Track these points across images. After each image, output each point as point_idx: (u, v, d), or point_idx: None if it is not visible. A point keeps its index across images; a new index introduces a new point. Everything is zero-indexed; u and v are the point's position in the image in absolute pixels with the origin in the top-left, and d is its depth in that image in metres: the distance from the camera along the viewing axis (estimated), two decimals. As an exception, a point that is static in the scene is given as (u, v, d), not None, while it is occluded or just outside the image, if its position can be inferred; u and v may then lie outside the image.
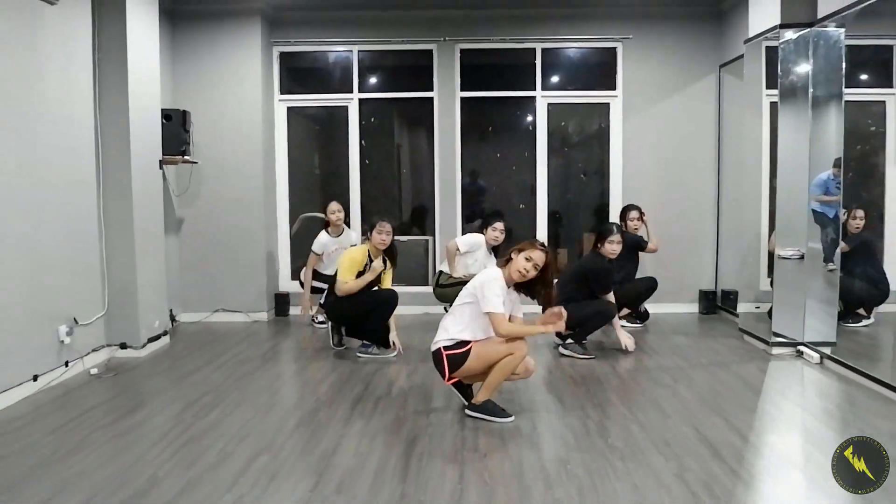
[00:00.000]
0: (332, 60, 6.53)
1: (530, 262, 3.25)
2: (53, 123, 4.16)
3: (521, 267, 3.25)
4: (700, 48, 6.23)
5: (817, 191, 4.72)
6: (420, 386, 4.02)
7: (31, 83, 3.96)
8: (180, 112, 5.38)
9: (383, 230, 4.66)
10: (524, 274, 3.25)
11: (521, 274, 3.25)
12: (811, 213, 4.70)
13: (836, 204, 4.63)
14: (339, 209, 5.65)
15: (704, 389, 3.90)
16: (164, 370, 4.51)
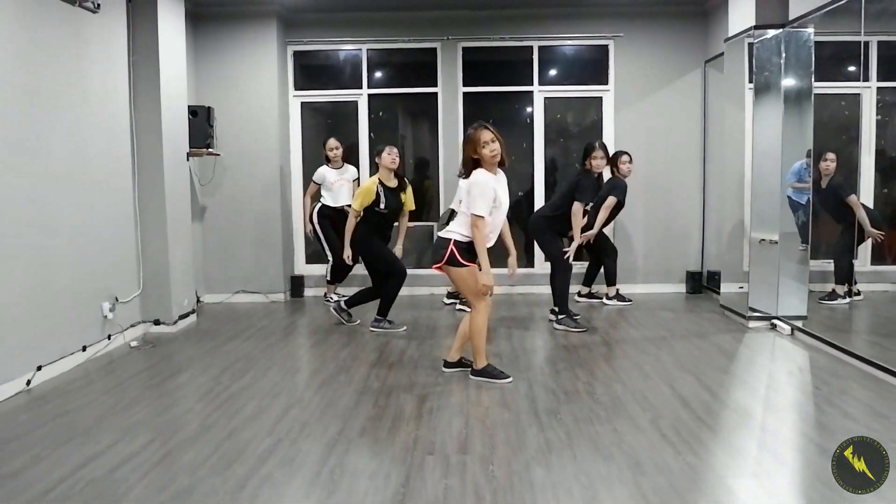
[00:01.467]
0: (343, 58, 6.95)
1: (488, 144, 3.61)
2: (96, 123, 4.61)
3: (489, 155, 3.62)
4: (686, 45, 6.63)
5: (792, 178, 5.15)
6: (429, 354, 4.48)
7: (77, 87, 4.40)
8: (205, 108, 5.83)
9: (392, 151, 5.07)
10: (496, 155, 3.63)
11: (494, 157, 3.63)
12: (786, 200, 5.14)
13: (808, 191, 5.07)
14: (337, 146, 6.12)
15: (683, 355, 4.36)
16: (196, 342, 4.97)
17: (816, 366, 4.11)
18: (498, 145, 3.63)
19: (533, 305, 6.14)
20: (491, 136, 3.60)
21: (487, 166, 3.66)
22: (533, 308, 6.04)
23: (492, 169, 3.68)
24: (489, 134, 3.60)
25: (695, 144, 6.72)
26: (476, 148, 3.63)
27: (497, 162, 3.66)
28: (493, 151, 3.61)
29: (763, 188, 5.15)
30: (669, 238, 6.71)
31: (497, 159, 3.64)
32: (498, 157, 3.64)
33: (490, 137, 3.60)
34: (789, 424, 3.21)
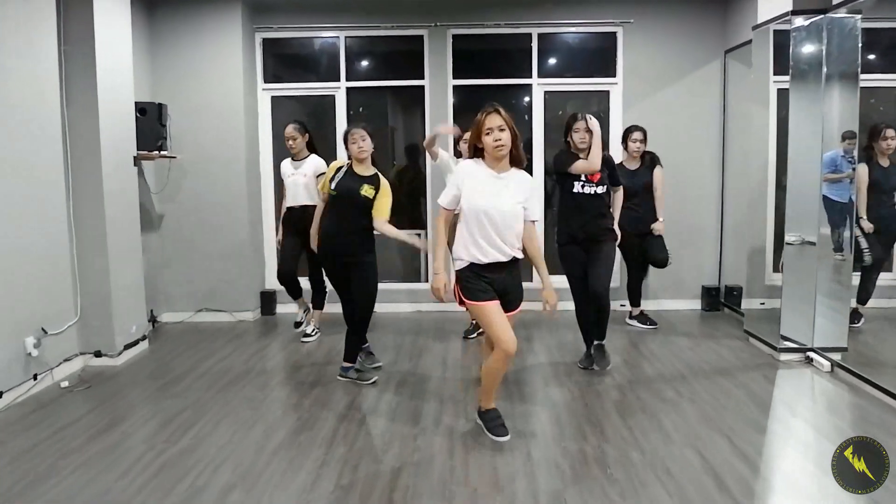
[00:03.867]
0: (318, 47, 6.22)
1: (492, 132, 2.94)
2: (20, 123, 3.90)
3: (491, 145, 2.95)
4: (704, 33, 5.94)
5: (825, 170, 4.46)
6: (409, 402, 3.80)
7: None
8: (155, 105, 5.09)
9: (356, 137, 4.00)
10: (500, 147, 2.94)
11: (498, 149, 2.95)
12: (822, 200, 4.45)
13: (848, 185, 4.39)
14: (292, 134, 5.00)
15: (708, 404, 3.68)
16: (141, 380, 4.29)
17: (869, 419, 3.44)
18: (506, 136, 2.94)
19: (531, 327, 5.46)
20: (500, 122, 2.93)
21: (489, 159, 3.02)
22: (530, 329, 5.36)
23: (495, 163, 3.01)
24: (498, 119, 2.93)
25: (713, 144, 6.02)
26: (479, 134, 2.98)
27: (502, 156, 2.98)
28: (498, 141, 2.93)
29: (799, 191, 4.46)
30: (683, 249, 6.01)
31: (502, 152, 2.95)
32: (503, 150, 2.95)
33: (498, 124, 2.93)
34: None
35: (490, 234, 2.98)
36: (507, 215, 2.98)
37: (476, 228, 2.98)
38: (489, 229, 2.97)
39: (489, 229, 2.97)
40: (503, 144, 2.93)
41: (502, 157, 2.97)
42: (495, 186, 2.99)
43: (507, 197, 2.98)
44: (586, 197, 4.17)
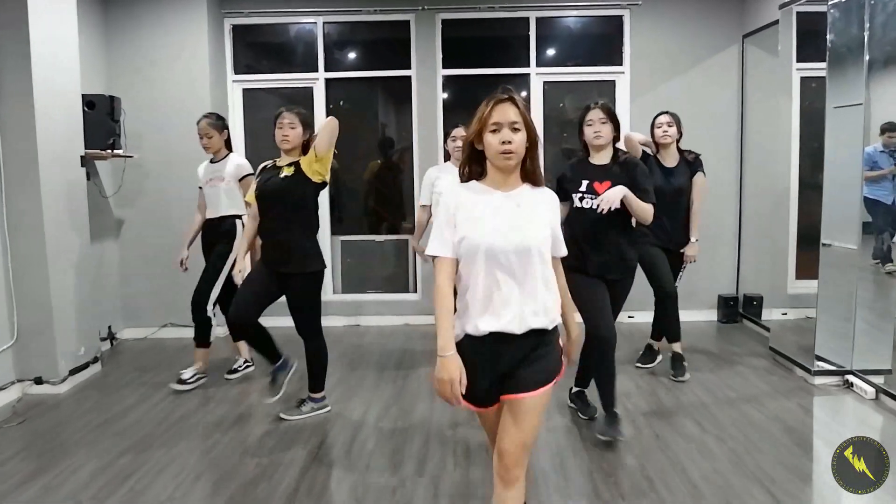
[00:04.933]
0: (294, 34, 5.66)
1: (500, 130, 1.88)
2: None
3: (497, 150, 1.88)
4: (720, 16, 5.39)
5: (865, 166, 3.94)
6: (388, 441, 3.25)
7: None
8: (106, 98, 4.53)
9: (283, 122, 3.34)
10: (508, 153, 1.88)
11: (505, 156, 1.88)
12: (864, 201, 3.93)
13: (891, 184, 3.87)
14: (206, 131, 4.07)
15: (738, 442, 3.14)
16: (84, 412, 3.74)
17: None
18: (520, 139, 1.88)
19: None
20: (514, 117, 1.88)
21: (492, 171, 1.95)
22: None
23: (499, 178, 1.94)
24: (512, 112, 1.88)
25: (730, 139, 5.47)
26: (481, 131, 1.91)
27: (509, 166, 1.91)
28: (506, 145, 1.87)
29: (838, 191, 3.93)
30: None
31: (510, 161, 1.89)
32: (512, 159, 1.89)
33: (511, 119, 1.88)
34: None
35: (504, 287, 1.86)
36: (531, 254, 1.86)
37: (481, 280, 1.87)
38: (502, 280, 1.86)
39: (502, 280, 1.86)
40: (512, 151, 1.87)
41: (509, 168, 1.91)
42: (505, 210, 1.90)
43: (528, 224, 1.89)
44: (591, 216, 3.08)
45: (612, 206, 2.96)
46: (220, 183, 4.08)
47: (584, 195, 3.13)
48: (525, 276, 1.87)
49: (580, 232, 3.12)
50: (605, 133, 3.14)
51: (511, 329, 1.86)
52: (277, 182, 3.33)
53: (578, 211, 3.15)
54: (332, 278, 5.79)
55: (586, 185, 3.14)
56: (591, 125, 3.17)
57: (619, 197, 2.97)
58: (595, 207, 3.04)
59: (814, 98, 4.76)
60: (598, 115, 3.16)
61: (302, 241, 3.38)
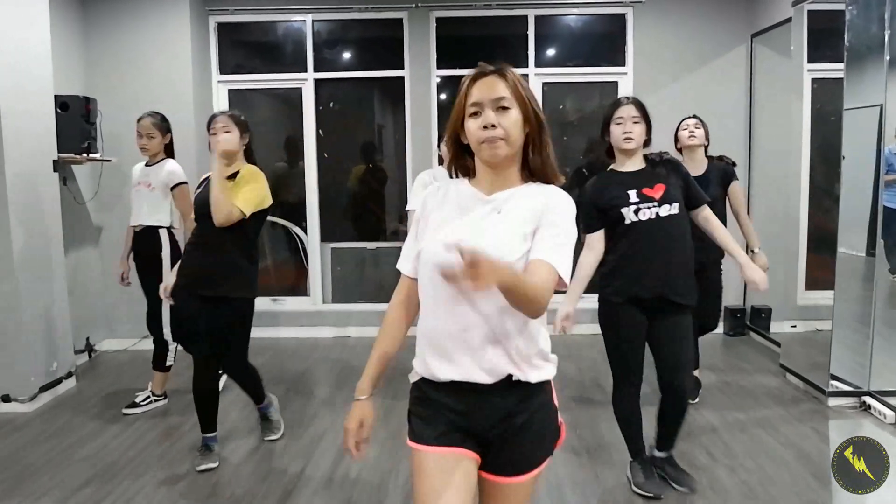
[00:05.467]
0: (282, 32, 5.43)
1: (482, 111, 1.39)
2: None
3: (477, 137, 1.40)
4: (728, 14, 5.16)
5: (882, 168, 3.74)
6: (374, 468, 3.02)
7: None
8: (80, 99, 4.29)
9: (217, 126, 2.94)
10: (493, 141, 1.39)
11: (491, 146, 1.39)
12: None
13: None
14: (148, 130, 3.71)
15: (752, 473, 2.90)
16: (51, 434, 3.51)
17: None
18: (511, 120, 1.40)
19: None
20: (502, 90, 1.40)
21: (481, 169, 1.48)
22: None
23: (489, 176, 1.46)
24: (498, 85, 1.40)
25: (737, 142, 5.23)
26: (460, 115, 1.45)
27: (495, 157, 1.41)
28: (489, 130, 1.38)
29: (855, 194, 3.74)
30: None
31: (497, 151, 1.40)
32: (499, 150, 1.40)
33: (494, 96, 1.39)
34: None
35: (462, 319, 1.37)
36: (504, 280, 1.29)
37: (433, 308, 1.43)
38: (460, 311, 1.38)
39: (460, 311, 1.38)
40: (498, 137, 1.37)
41: (497, 160, 1.41)
42: (474, 217, 1.43)
43: (501, 235, 1.39)
44: (650, 227, 2.55)
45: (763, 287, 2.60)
46: (146, 189, 3.71)
47: (640, 205, 2.56)
48: (491, 305, 1.34)
49: (639, 250, 2.57)
50: (637, 134, 2.60)
51: (475, 378, 1.37)
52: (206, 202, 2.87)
53: (634, 228, 2.57)
54: (321, 287, 5.56)
55: (636, 193, 2.57)
56: (621, 124, 2.60)
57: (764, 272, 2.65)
58: (655, 217, 2.54)
59: (825, 100, 4.57)
60: (629, 111, 2.60)
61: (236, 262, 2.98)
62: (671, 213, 2.57)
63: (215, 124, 2.95)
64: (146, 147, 3.73)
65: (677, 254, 2.59)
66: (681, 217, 2.61)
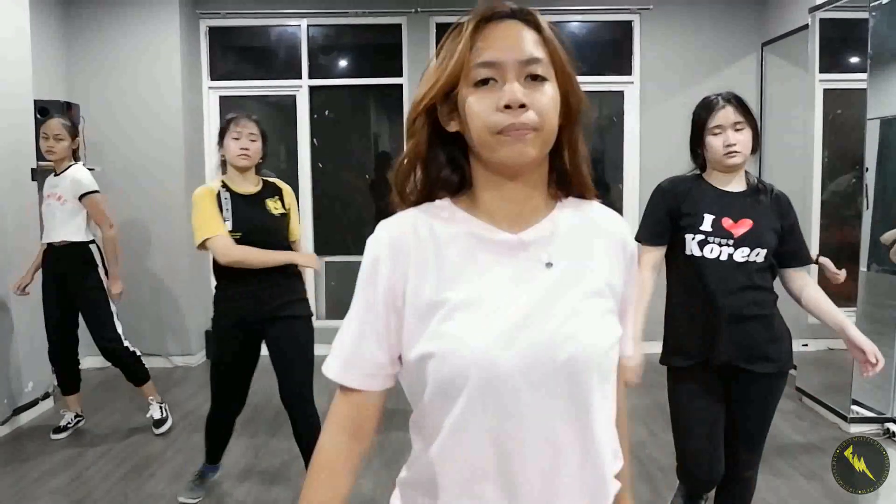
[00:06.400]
0: (276, 37, 5.25)
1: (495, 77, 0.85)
2: None
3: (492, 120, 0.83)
4: (738, 22, 5.01)
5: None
6: (370, 498, 2.80)
7: None
8: (61, 104, 4.10)
9: (243, 130, 2.58)
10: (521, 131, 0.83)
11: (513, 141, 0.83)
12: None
13: None
14: (57, 131, 3.39)
15: (775, 510, 2.70)
16: (24, 458, 3.29)
17: None
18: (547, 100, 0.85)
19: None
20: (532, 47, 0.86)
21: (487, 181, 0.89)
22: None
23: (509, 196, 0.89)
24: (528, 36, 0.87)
25: (746, 155, 5.07)
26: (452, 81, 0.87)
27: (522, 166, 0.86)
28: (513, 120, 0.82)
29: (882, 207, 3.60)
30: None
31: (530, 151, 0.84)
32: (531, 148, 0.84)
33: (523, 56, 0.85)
34: None
35: (529, 457, 0.84)
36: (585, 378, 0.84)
37: (473, 442, 0.84)
38: (519, 443, 0.84)
39: (519, 443, 0.84)
40: (529, 126, 0.83)
41: (521, 162, 0.85)
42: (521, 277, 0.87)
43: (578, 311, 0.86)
44: (715, 271, 1.97)
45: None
46: (58, 201, 3.40)
47: (709, 238, 1.98)
48: (577, 429, 0.85)
49: (695, 298, 2.01)
50: (743, 146, 1.97)
51: None
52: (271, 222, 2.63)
53: (693, 263, 2.00)
54: (314, 302, 5.34)
55: (711, 221, 1.98)
56: (721, 133, 1.99)
57: None
58: (724, 259, 1.94)
59: (837, 111, 4.43)
60: (729, 116, 1.98)
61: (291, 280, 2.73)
62: (749, 261, 1.95)
63: (240, 127, 2.58)
64: (52, 150, 3.41)
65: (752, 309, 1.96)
66: (763, 269, 1.98)
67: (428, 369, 0.84)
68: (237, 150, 2.57)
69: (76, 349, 3.67)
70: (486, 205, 0.89)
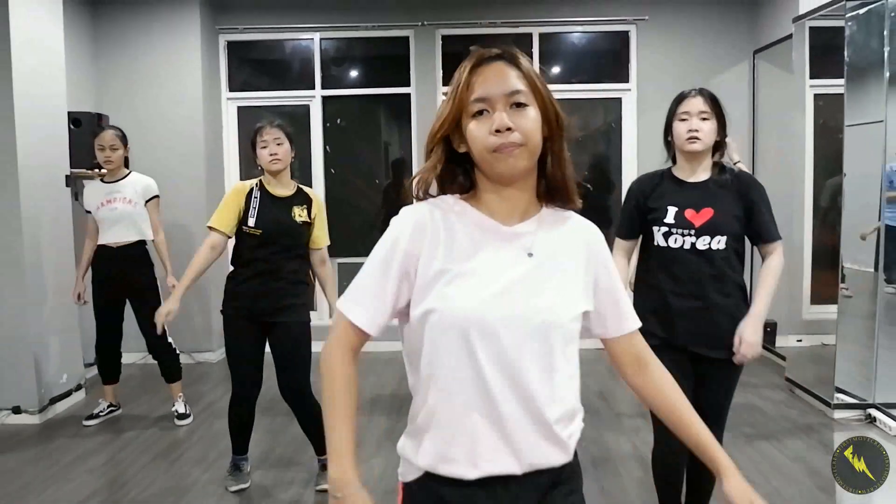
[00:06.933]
0: (291, 50, 5.53)
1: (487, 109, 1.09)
2: None
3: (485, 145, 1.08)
4: (730, 30, 5.23)
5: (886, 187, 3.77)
6: (388, 476, 3.03)
7: None
8: (93, 115, 4.39)
9: (268, 138, 2.80)
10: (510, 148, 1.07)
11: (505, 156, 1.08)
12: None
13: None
14: (113, 143, 3.69)
15: (759, 486, 2.87)
16: (60, 446, 3.53)
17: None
18: (529, 121, 1.08)
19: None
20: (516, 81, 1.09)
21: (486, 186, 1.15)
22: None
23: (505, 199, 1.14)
24: (511, 74, 1.09)
25: (741, 157, 5.26)
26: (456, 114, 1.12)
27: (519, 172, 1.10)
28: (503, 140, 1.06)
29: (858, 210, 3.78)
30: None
31: (518, 163, 1.08)
32: (520, 160, 1.08)
33: (508, 89, 1.08)
34: None
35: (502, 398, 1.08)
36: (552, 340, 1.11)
37: (460, 385, 1.09)
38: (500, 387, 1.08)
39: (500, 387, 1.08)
40: (516, 144, 1.07)
41: (513, 173, 1.11)
42: (509, 259, 1.13)
43: (550, 288, 1.13)
44: (678, 260, 2.14)
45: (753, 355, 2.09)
46: (123, 204, 3.71)
47: (672, 229, 2.14)
48: (541, 378, 1.09)
49: (663, 284, 2.16)
50: (705, 133, 2.11)
51: (508, 470, 1.10)
52: (292, 227, 2.85)
53: (661, 252, 2.17)
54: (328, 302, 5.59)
55: (674, 213, 2.14)
56: (687, 120, 2.12)
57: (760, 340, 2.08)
58: (688, 248, 2.11)
59: (827, 116, 4.61)
60: (696, 105, 2.12)
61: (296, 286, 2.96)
62: (711, 248, 2.11)
63: (265, 135, 2.80)
64: (110, 160, 3.71)
65: (712, 297, 2.11)
66: (726, 255, 2.12)
67: (429, 322, 1.08)
68: (268, 157, 2.80)
69: (120, 342, 3.92)
70: (487, 203, 1.15)
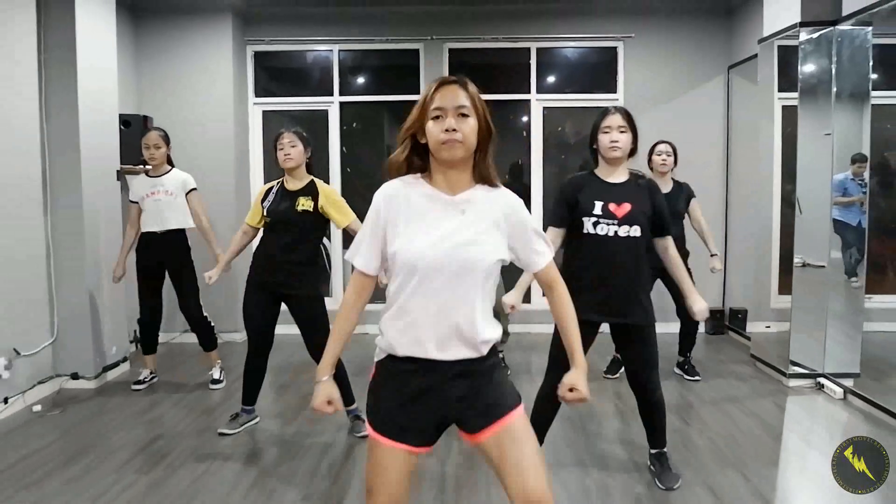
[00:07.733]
0: (311, 60, 6.07)
1: (444, 116, 1.61)
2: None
3: (438, 139, 1.61)
4: (707, 48, 5.79)
5: (836, 193, 4.31)
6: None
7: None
8: (140, 118, 4.93)
9: (283, 142, 3.34)
10: (453, 143, 1.59)
11: (450, 147, 1.60)
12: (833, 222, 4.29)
13: (859, 209, 4.22)
14: (157, 142, 4.15)
15: (718, 435, 3.46)
16: (115, 405, 4.05)
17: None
18: (469, 127, 1.61)
19: (529, 349, 5.24)
20: (463, 99, 1.62)
21: (438, 170, 1.68)
22: (529, 353, 5.14)
23: (444, 176, 1.67)
24: (461, 94, 1.62)
25: (716, 162, 5.85)
26: (422, 117, 1.66)
27: (453, 159, 1.62)
28: (451, 133, 1.59)
29: (809, 213, 4.30)
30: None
31: (455, 153, 1.61)
32: (457, 151, 1.61)
33: (456, 104, 1.61)
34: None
35: (438, 304, 1.60)
36: (474, 274, 1.61)
37: (411, 294, 1.61)
38: (436, 295, 1.60)
39: (436, 295, 1.60)
40: (458, 141, 1.58)
41: (454, 160, 1.61)
42: (446, 219, 1.63)
43: (473, 237, 1.62)
44: (605, 243, 2.68)
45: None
46: (166, 196, 4.19)
47: (600, 220, 2.66)
48: (464, 293, 1.61)
49: (589, 264, 2.70)
50: (623, 143, 2.64)
51: (446, 354, 1.62)
52: (292, 215, 3.34)
53: (590, 239, 2.69)
54: (342, 289, 6.13)
55: (601, 206, 2.67)
56: (609, 132, 2.66)
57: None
58: (614, 235, 2.66)
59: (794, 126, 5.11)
60: (616, 120, 2.65)
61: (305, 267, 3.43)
62: (630, 236, 2.66)
63: (282, 140, 3.34)
64: (154, 157, 4.17)
65: (627, 276, 2.69)
66: (639, 242, 2.69)
67: (397, 260, 1.62)
68: (282, 157, 3.37)
69: (160, 319, 4.44)
70: (436, 180, 1.67)
